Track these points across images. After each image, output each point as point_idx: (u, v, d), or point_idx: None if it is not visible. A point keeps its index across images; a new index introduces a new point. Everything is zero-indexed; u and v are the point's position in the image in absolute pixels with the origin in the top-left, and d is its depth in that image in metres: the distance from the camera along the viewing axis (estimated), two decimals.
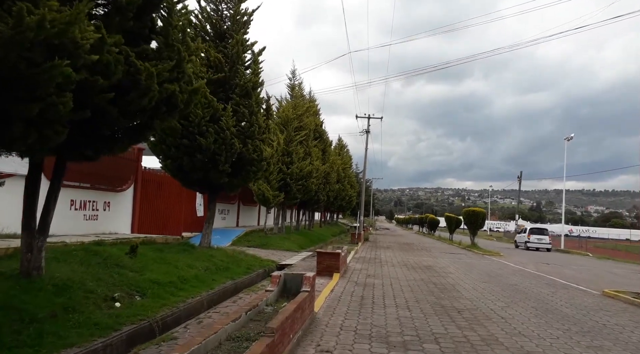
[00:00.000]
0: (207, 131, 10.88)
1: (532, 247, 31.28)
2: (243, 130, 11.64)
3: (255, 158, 11.84)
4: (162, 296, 7.12)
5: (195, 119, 10.81)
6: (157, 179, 15.37)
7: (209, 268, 10.09)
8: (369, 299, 7.99)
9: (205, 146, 10.88)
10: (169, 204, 16.47)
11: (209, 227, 12.29)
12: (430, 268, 14.17)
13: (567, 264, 18.76)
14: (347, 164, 43.73)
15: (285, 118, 20.60)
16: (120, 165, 13.22)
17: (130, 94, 5.58)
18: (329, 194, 30.14)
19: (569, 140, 43.57)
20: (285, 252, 17.24)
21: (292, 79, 22.29)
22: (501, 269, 14.90)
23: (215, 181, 11.65)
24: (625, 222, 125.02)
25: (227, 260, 11.52)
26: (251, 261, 12.56)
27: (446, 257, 19.41)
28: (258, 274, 11.46)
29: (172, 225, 16.72)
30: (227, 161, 11.30)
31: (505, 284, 10.85)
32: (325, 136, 29.41)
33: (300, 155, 20.89)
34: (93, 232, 11.73)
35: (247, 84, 11.67)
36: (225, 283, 9.33)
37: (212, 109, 11.01)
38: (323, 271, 10.81)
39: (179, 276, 8.44)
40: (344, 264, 12.00)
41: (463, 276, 12.39)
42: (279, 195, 19.46)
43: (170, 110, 6.29)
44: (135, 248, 8.66)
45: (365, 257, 17.26)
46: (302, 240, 22.28)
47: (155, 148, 11.45)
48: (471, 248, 25.13)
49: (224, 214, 22.17)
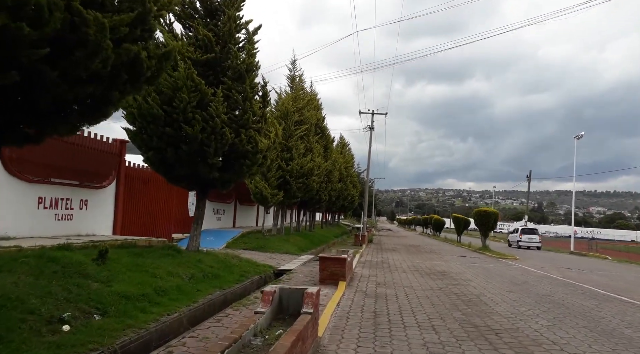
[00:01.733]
0: (194, 118, 9.50)
1: (524, 245, 33.47)
2: (235, 118, 10.25)
3: (250, 150, 10.45)
4: (130, 313, 5.73)
5: (180, 104, 9.42)
6: (143, 176, 14.00)
7: (195, 276, 8.70)
8: (384, 317, 6.60)
9: (191, 135, 9.50)
10: (157, 203, 15.09)
11: (197, 229, 10.90)
12: (445, 274, 12.76)
13: (591, 269, 17.31)
14: (349, 163, 42.30)
15: (285, 111, 19.21)
16: (100, 159, 11.86)
17: (75, 53, 4.21)
18: (331, 193, 28.73)
19: (578, 138, 42.06)
20: (285, 255, 15.84)
21: (292, 70, 20.87)
22: (523, 275, 13.47)
23: (205, 175, 10.27)
24: (630, 224, 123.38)
25: (218, 266, 10.13)
26: (245, 267, 11.17)
27: (459, 261, 17.99)
28: (253, 282, 10.07)
29: (161, 226, 15.34)
30: (217, 153, 9.92)
31: (537, 295, 9.43)
32: (327, 132, 27.99)
33: (301, 151, 19.50)
34: (66, 234, 10.35)
35: (241, 66, 10.29)
36: (213, 294, 7.95)
37: (199, 93, 9.63)
38: (327, 279, 9.41)
39: (155, 287, 7.05)
40: (350, 270, 10.61)
41: (485, 283, 10.98)
42: (278, 194, 18.08)
43: (134, 79, 4.90)
44: (104, 253, 7.27)
45: (371, 262, 15.86)
46: (303, 242, 20.89)
47: (135, 138, 10.07)
48: (483, 251, 23.69)
49: (219, 214, 20.78)
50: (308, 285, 9.47)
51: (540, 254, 27.08)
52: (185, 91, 9.44)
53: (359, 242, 24.41)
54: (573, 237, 42.22)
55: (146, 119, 9.55)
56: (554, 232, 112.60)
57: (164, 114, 9.51)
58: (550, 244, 45.78)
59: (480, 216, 24.78)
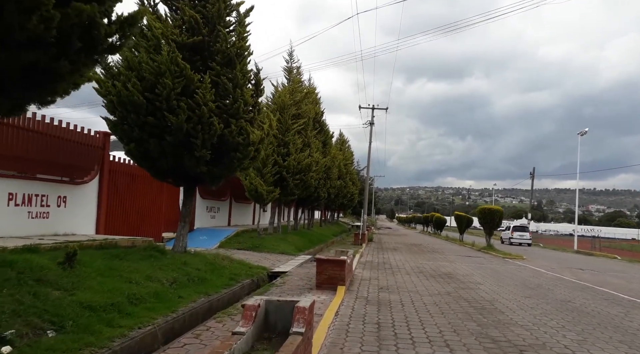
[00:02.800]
0: (179, 107, 8.64)
1: (515, 242, 35.77)
2: (225, 107, 9.39)
3: (241, 142, 9.59)
4: (92, 328, 4.89)
5: (163, 91, 8.56)
6: (130, 171, 13.14)
7: (178, 281, 7.86)
8: (389, 329, 5.76)
9: (176, 125, 8.64)
10: (146, 200, 14.23)
11: (184, 228, 10.05)
12: (452, 276, 11.92)
13: (603, 270, 16.47)
14: (349, 160, 41.42)
15: (282, 104, 18.33)
16: (80, 152, 11.01)
17: (6, 8, 3.36)
18: (330, 190, 27.90)
19: (582, 135, 41.32)
20: (281, 255, 15.00)
21: (290, 61, 19.94)
22: (535, 277, 12.61)
23: (191, 170, 9.42)
24: (631, 222, 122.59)
25: (205, 268, 9.29)
26: (237, 269, 10.33)
27: (464, 261, 17.14)
28: (244, 286, 9.23)
29: (149, 224, 14.48)
30: (204, 145, 9.06)
31: (556, 301, 8.59)
32: (326, 127, 27.13)
33: (298, 146, 18.63)
34: (41, 233, 9.49)
35: (231, 49, 9.42)
36: (196, 302, 7.11)
37: (184, 79, 8.77)
38: (324, 284, 8.56)
39: (129, 295, 6.21)
40: (350, 273, 9.76)
41: (496, 287, 10.14)
42: (274, 191, 17.21)
43: (89, 47, 4.04)
44: (72, 256, 6.41)
45: (372, 262, 15.03)
46: (300, 241, 20.05)
47: (115, 129, 9.22)
48: (488, 250, 22.84)
49: (213, 212, 19.93)
50: (304, 290, 8.65)
51: (547, 253, 26.27)
52: (168, 77, 8.58)
53: (359, 241, 23.57)
54: (576, 237, 41.45)
55: (126, 108, 8.69)
56: (554, 231, 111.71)
57: (146, 101, 8.66)
58: (553, 242, 44.97)
59: (484, 214, 23.91)
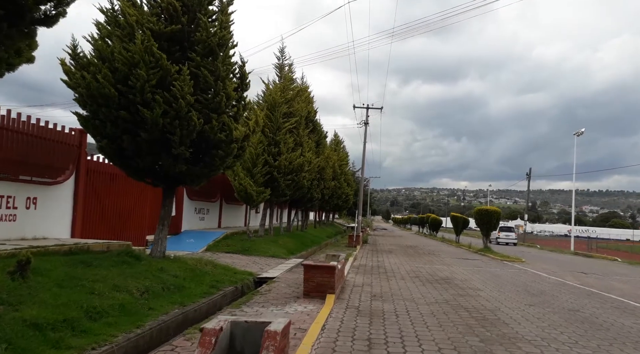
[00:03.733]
0: (154, 100, 7.94)
1: (502, 242, 38.05)
2: (206, 101, 8.70)
3: (223, 139, 8.89)
4: (33, 351, 4.18)
5: (137, 82, 7.86)
6: (109, 170, 12.38)
7: (151, 290, 7.15)
8: (381, 348, 5.09)
9: (150, 120, 7.94)
10: (128, 202, 13.49)
11: (162, 231, 9.34)
12: (450, 281, 11.26)
13: (606, 274, 15.86)
14: (344, 161, 40.71)
15: (272, 102, 17.64)
16: (54, 151, 10.28)
17: None
18: (324, 191, 27.22)
19: (578, 135, 40.93)
20: (270, 259, 14.31)
21: (281, 58, 19.23)
22: (537, 282, 11.97)
23: (169, 169, 8.72)
24: (626, 223, 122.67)
25: (184, 275, 8.58)
26: (220, 275, 9.63)
27: (461, 264, 16.50)
28: (225, 295, 8.52)
29: (133, 227, 13.75)
30: (183, 142, 8.37)
31: (563, 310, 7.94)
32: (319, 127, 26.45)
33: (290, 145, 17.93)
34: (6, 237, 8.76)
35: (212, 39, 8.73)
36: (169, 314, 6.40)
37: (160, 70, 8.07)
38: (312, 292, 7.88)
39: (88, 308, 5.49)
40: (341, 279, 9.08)
41: (497, 294, 9.48)
42: (265, 191, 16.52)
43: (14, 16, 3.35)
44: (24, 265, 5.70)
45: (366, 266, 14.36)
46: (293, 243, 19.34)
47: (87, 124, 8.51)
48: (485, 252, 22.20)
49: (202, 213, 19.18)
50: (290, 299, 7.94)
51: (545, 255, 25.70)
52: (143, 67, 7.87)
53: (353, 243, 22.89)
54: (573, 238, 40.96)
55: (97, 101, 7.98)
56: (549, 231, 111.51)
57: (118, 94, 7.95)
58: (550, 243, 44.50)
59: (481, 214, 23.30)
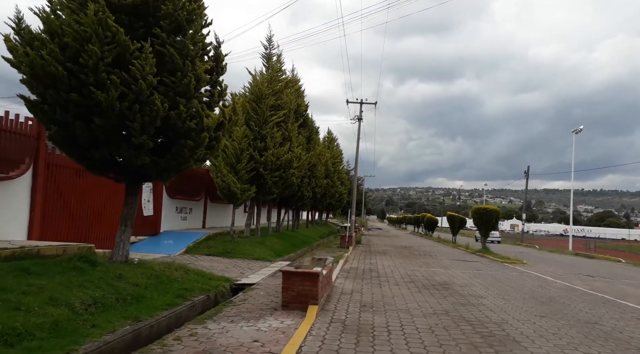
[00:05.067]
0: (109, 81, 6.84)
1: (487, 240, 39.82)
2: (173, 84, 7.60)
3: (193, 127, 7.80)
4: None
5: (89, 60, 6.75)
6: (76, 165, 11.21)
7: (101, 302, 6.06)
8: None
9: (105, 103, 6.84)
10: (97, 200, 12.38)
11: (124, 233, 8.23)
12: (448, 286, 10.24)
13: (614, 277, 14.89)
14: (338, 159, 39.62)
15: (259, 94, 16.54)
16: (6, 142, 9.17)
17: None
18: (316, 190, 26.14)
19: (577, 133, 40.17)
20: (254, 262, 13.23)
21: (268, 48, 18.10)
22: (543, 287, 10.96)
23: (131, 161, 7.62)
24: (621, 222, 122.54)
25: (147, 283, 7.49)
26: (191, 282, 8.54)
27: (460, 267, 15.48)
28: (194, 306, 7.43)
29: (104, 228, 12.62)
30: (145, 130, 7.27)
31: (580, 322, 6.93)
32: (311, 122, 25.36)
33: (277, 140, 16.84)
34: None
35: (180, 13, 7.64)
36: (116, 332, 5.31)
37: (117, 46, 6.96)
38: (292, 302, 6.81)
39: (4, 330, 4.40)
40: (327, 286, 8.03)
41: (502, 302, 8.46)
42: (250, 189, 15.44)
43: None
44: None
45: (357, 269, 13.32)
46: (281, 245, 18.25)
47: (35, 110, 7.38)
48: (484, 253, 21.21)
49: (184, 213, 18.06)
50: (266, 311, 6.81)
51: (546, 256, 24.76)
52: (96, 43, 6.76)
53: (345, 244, 21.84)
54: (571, 238, 40.15)
55: (42, 82, 6.86)
56: (545, 231, 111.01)
57: (68, 74, 6.84)
58: (548, 243, 43.73)
59: (480, 214, 22.32)
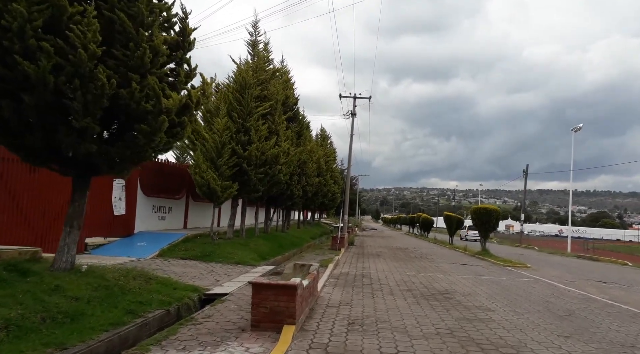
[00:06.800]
0: (40, 49, 5.55)
1: (471, 239, 40.87)
2: (125, 57, 6.31)
3: (149, 109, 6.51)
4: None
5: (14, 22, 5.45)
6: None
7: (16, 324, 4.77)
8: None
9: (35, 76, 5.54)
10: (58, 197, 11.04)
11: (70, 235, 6.93)
12: (450, 296, 9.02)
13: (629, 283, 13.67)
14: (331, 157, 38.38)
15: (243, 83, 15.26)
16: None
17: None
18: (307, 188, 24.86)
19: (576, 131, 39.20)
20: (234, 267, 11.95)
21: (254, 34, 16.80)
22: (556, 296, 9.75)
23: (73, 150, 6.33)
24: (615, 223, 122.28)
25: (92, 295, 6.20)
26: (150, 292, 7.23)
27: (460, 271, 14.27)
28: (148, 323, 6.14)
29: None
30: (88, 111, 5.98)
31: (615, 345, 5.71)
32: (301, 117, 24.10)
33: (263, 133, 15.56)
34: None
35: None
36: None
37: (51, 6, 5.67)
38: (264, 322, 5.54)
39: None
40: (308, 299, 6.77)
41: (514, 316, 7.25)
42: (232, 186, 14.16)
43: None
44: None
45: (348, 275, 12.08)
46: (267, 247, 16.97)
47: None
48: (484, 256, 20.00)
49: (163, 212, 16.73)
50: (231, 333, 5.40)
51: (548, 259, 23.61)
52: (21, 1, 5.47)
53: (337, 245, 20.56)
54: (570, 239, 39.15)
55: None
56: (540, 231, 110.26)
57: None
58: (546, 244, 42.71)
59: (479, 214, 21.15)
